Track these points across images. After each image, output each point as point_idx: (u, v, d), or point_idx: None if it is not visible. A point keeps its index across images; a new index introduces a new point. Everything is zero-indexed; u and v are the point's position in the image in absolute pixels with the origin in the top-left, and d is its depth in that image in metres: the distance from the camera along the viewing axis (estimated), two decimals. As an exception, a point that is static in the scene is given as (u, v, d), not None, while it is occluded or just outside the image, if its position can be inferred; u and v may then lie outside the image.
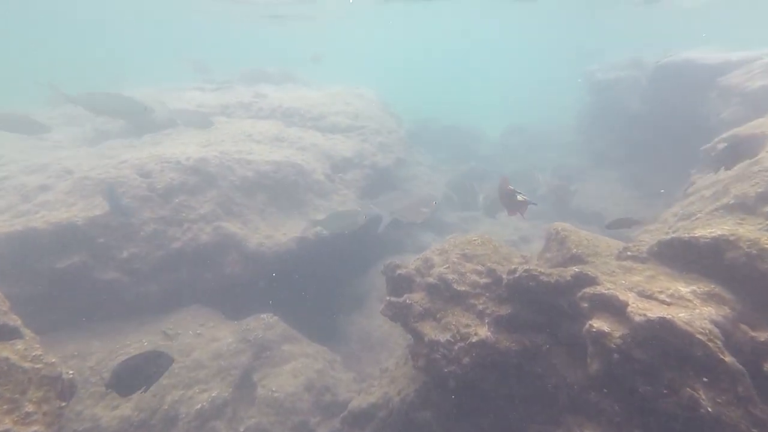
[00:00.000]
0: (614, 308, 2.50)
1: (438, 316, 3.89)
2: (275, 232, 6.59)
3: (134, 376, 3.11)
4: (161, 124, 7.37)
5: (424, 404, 3.96)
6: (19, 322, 2.59)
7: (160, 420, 3.93)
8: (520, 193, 3.81)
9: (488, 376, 3.45)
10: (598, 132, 12.23)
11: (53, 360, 2.45)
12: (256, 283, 6.30)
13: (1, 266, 4.22)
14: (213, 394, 4.27)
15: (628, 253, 3.10)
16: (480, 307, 3.72)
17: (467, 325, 3.64)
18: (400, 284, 4.36)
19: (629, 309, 2.35)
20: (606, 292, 2.58)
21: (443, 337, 3.65)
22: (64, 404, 2.38)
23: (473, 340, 3.47)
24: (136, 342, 4.50)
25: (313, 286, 7.58)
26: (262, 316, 5.64)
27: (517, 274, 3.46)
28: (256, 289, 6.39)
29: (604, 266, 3.08)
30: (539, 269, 3.36)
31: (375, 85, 13.63)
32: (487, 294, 3.82)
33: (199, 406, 4.11)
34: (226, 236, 5.86)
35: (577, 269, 3.08)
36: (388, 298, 4.23)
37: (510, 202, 3.82)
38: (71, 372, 2.62)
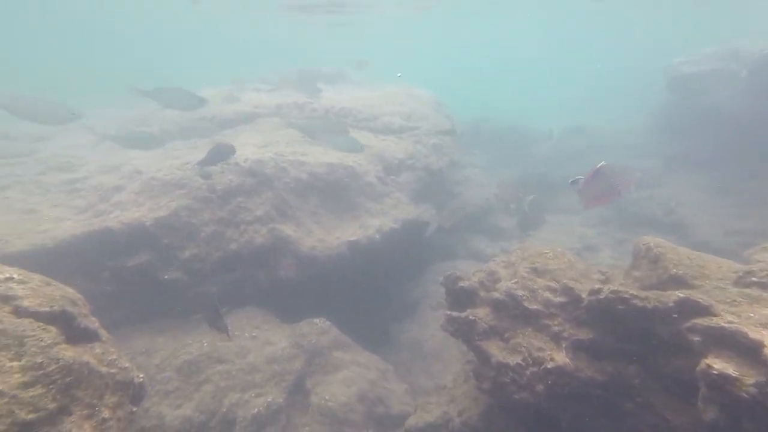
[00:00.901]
0: (741, 347, 2.10)
1: (506, 335, 3.59)
2: (328, 236, 6.55)
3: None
4: (220, 124, 7.62)
5: (489, 430, 3.68)
6: (97, 324, 2.67)
7: (218, 422, 3.97)
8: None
9: (567, 408, 3.11)
10: (677, 132, 11.13)
11: (127, 365, 2.49)
12: (308, 286, 6.29)
13: (82, 263, 4.47)
14: (268, 399, 4.26)
15: (753, 278, 2.64)
16: (555, 328, 3.38)
17: (540, 349, 3.32)
18: (461, 298, 4.11)
19: (766, 351, 1.96)
20: (728, 326, 2.18)
21: (513, 359, 3.35)
22: (135, 409, 2.40)
23: (549, 366, 3.15)
24: (197, 342, 4.60)
25: (364, 290, 7.49)
26: (315, 320, 5.60)
27: (602, 296, 3.09)
28: (308, 292, 6.39)
29: (719, 293, 2.65)
30: (630, 291, 2.97)
31: (428, 85, 13.36)
32: (563, 314, 3.47)
33: (255, 410, 4.11)
34: (281, 239, 5.89)
35: (682, 294, 2.68)
36: (449, 312, 3.99)
37: (603, 189, 3.49)
38: (141, 375, 2.65)
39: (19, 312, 2.22)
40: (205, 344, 4.58)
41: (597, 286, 3.31)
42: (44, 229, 4.41)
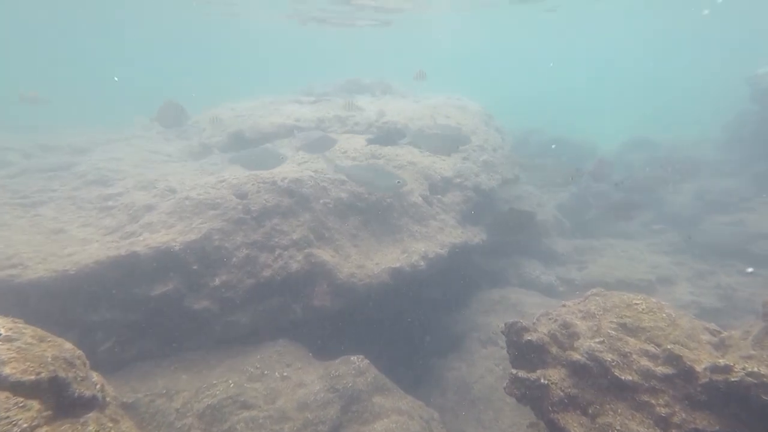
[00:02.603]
0: None
1: (590, 410, 2.90)
2: (367, 261, 6.06)
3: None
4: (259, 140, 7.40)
5: None
6: (99, 386, 2.29)
7: (240, 483, 3.52)
8: None
9: None
10: (763, 147, 9.81)
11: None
12: (345, 317, 5.81)
13: (105, 290, 4.23)
14: (297, 456, 3.76)
15: None
16: (662, 410, 2.66)
17: (641, 436, 2.61)
18: (527, 353, 3.44)
19: None
20: None
21: (604, 447, 2.66)
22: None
23: (657, 466, 2.44)
24: (222, 381, 4.22)
25: (405, 322, 6.92)
26: (351, 358, 5.09)
27: (734, 378, 2.36)
28: (344, 323, 5.91)
29: None
30: (778, 376, 2.23)
31: (477, 95, 12.72)
32: (671, 391, 2.74)
33: (282, 470, 3.63)
34: (317, 264, 5.46)
35: None
36: (513, 371, 3.34)
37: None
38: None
39: (-2, 383, 1.83)
40: (231, 385, 4.18)
41: (721, 360, 2.57)
42: (68, 253, 4.23)
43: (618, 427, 2.71)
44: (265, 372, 4.42)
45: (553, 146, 14.45)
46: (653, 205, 10.49)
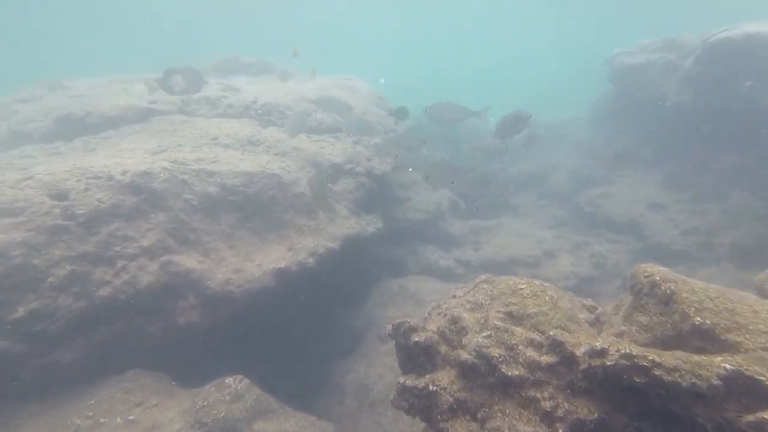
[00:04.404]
0: None
1: (479, 414, 2.69)
2: (246, 264, 5.34)
3: None
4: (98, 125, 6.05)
5: None
6: None
7: None
8: None
9: None
10: (621, 127, 11.13)
11: None
12: (222, 331, 5.04)
13: None
14: None
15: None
16: (546, 404, 2.53)
17: (529, 435, 2.45)
18: (416, 356, 3.15)
19: None
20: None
21: (493, 455, 2.46)
22: None
23: (544, 469, 2.29)
24: (37, 443, 3.23)
25: (295, 327, 6.35)
26: (227, 380, 4.40)
27: (610, 361, 2.28)
28: (222, 338, 5.14)
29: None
30: (650, 356, 2.19)
31: (369, 77, 12.35)
32: (555, 381, 2.63)
33: None
34: (179, 274, 4.60)
35: (730, 367, 1.91)
36: (401, 380, 3.02)
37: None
38: None
39: None
40: (52, 447, 3.23)
41: (597, 343, 2.50)
42: None
43: (507, 428, 2.53)
44: (102, 420, 3.52)
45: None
46: (539, 183, 11.34)
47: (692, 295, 2.55)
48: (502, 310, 3.10)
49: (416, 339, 3.13)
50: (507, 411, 2.62)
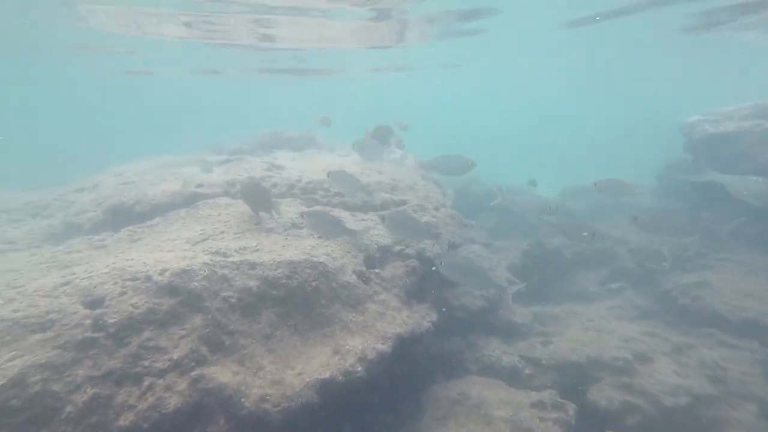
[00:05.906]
0: None
1: None
2: (286, 372, 4.72)
3: None
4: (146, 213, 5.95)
5: None
6: None
7: None
8: None
9: None
10: (706, 202, 10.04)
11: None
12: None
13: None
14: None
15: None
16: None
17: None
18: None
19: None
20: None
21: None
22: None
23: None
24: None
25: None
26: None
27: None
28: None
29: None
30: None
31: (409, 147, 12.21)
32: None
33: None
34: (210, 392, 4.03)
35: None
36: None
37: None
38: None
39: None
40: None
41: None
42: None
43: None
44: None
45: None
46: (604, 260, 10.27)
47: None
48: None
49: None
50: None
